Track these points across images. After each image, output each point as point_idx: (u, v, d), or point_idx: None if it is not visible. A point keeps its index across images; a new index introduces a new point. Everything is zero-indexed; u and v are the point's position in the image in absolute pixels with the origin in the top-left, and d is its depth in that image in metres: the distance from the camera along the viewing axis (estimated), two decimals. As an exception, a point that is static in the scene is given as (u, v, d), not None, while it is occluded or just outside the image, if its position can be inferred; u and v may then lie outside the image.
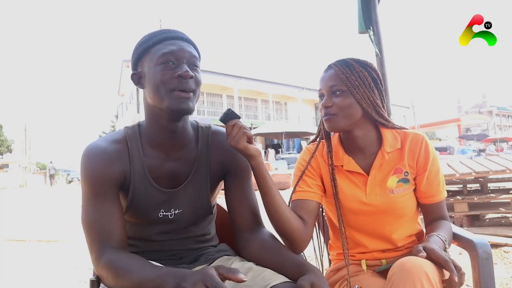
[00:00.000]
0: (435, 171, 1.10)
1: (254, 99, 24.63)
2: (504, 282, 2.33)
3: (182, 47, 0.95)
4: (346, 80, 1.07)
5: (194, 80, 0.94)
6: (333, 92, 1.08)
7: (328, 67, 1.13)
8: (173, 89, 0.92)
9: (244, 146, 0.94)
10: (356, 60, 1.10)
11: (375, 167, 1.11)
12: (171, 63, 0.93)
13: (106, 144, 0.98)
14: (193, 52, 0.97)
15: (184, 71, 0.92)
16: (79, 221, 0.94)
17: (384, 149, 1.10)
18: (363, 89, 1.07)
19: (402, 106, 31.31)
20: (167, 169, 1.00)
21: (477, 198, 3.58)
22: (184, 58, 0.94)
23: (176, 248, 1.05)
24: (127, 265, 0.84)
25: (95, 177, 0.93)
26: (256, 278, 0.90)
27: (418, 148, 1.10)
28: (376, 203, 1.09)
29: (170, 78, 0.92)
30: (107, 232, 0.90)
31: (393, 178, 1.10)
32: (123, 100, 24.53)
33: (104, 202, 0.92)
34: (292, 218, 1.02)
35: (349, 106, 1.06)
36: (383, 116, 1.11)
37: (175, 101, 0.92)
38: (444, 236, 0.98)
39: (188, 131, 1.03)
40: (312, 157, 1.17)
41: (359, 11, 2.36)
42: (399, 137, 1.13)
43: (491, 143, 23.29)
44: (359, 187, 1.12)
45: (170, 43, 0.95)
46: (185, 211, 1.03)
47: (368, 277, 1.06)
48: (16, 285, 2.94)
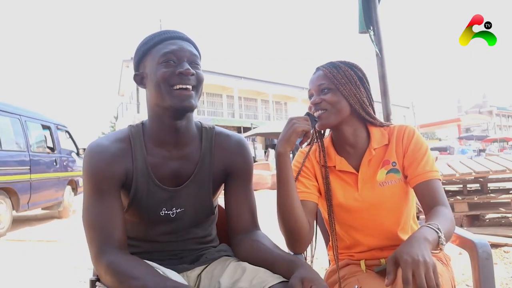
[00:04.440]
0: (418, 149, 1.10)
1: (254, 99, 24.64)
2: (504, 282, 2.33)
3: (182, 46, 0.97)
4: (333, 78, 1.12)
5: (195, 77, 0.96)
6: (322, 90, 1.13)
7: (316, 69, 1.19)
8: (174, 86, 0.93)
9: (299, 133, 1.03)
10: (342, 62, 1.17)
11: (364, 163, 1.14)
12: (172, 62, 0.95)
13: (109, 142, 0.99)
14: (193, 50, 0.99)
15: (185, 69, 0.94)
16: (79, 220, 0.95)
17: (372, 145, 1.14)
18: (350, 86, 1.12)
19: (402, 106, 31.33)
20: (170, 168, 1.01)
21: (477, 198, 3.58)
22: (185, 57, 0.96)
23: (177, 248, 1.05)
24: (131, 270, 0.84)
25: (97, 175, 0.94)
26: (252, 280, 0.90)
27: (402, 134, 1.14)
28: (368, 198, 1.11)
29: (171, 75, 0.94)
30: (107, 230, 0.91)
31: (382, 171, 1.12)
32: (123, 100, 24.55)
33: (105, 200, 0.93)
34: (303, 214, 1.06)
35: (338, 102, 1.11)
36: (370, 114, 1.15)
37: (177, 99, 0.93)
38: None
39: (192, 130, 1.03)
40: (306, 159, 1.19)
41: (360, 11, 2.37)
42: (387, 133, 1.16)
43: (491, 143, 23.29)
44: (351, 185, 1.14)
45: (170, 43, 0.97)
46: (187, 210, 1.03)
47: (367, 277, 1.06)
48: (16, 285, 2.94)
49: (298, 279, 0.83)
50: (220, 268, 1.01)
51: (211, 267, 1.03)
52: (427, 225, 0.89)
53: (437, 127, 28.94)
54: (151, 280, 0.81)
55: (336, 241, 1.16)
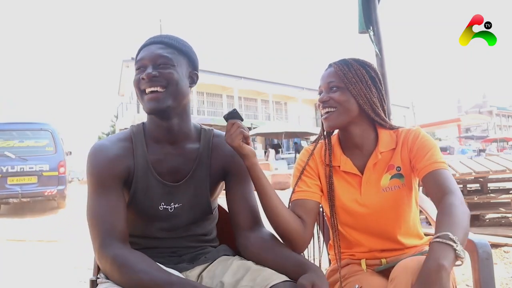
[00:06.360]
0: (425, 145, 1.07)
1: (254, 99, 24.63)
2: (504, 282, 2.33)
3: (150, 51, 1.01)
4: (343, 76, 1.10)
5: (163, 77, 0.98)
6: (331, 88, 1.11)
7: (328, 66, 1.16)
8: (143, 90, 0.99)
9: (239, 144, 0.98)
10: (356, 60, 1.14)
11: (369, 167, 1.12)
12: (142, 68, 1.00)
13: (112, 142, 1.04)
14: (163, 52, 1.00)
15: (146, 73, 0.97)
16: (79, 221, 0.95)
17: (378, 148, 1.12)
18: (360, 86, 1.09)
19: (402, 106, 31.33)
20: (170, 164, 1.04)
21: (477, 198, 3.59)
22: (151, 61, 0.99)
23: (175, 245, 1.06)
24: (137, 264, 0.87)
25: (101, 173, 0.98)
26: (256, 278, 0.91)
27: (407, 138, 1.11)
28: (370, 203, 1.10)
29: (138, 81, 1.00)
30: (111, 223, 0.93)
31: (386, 176, 1.11)
32: (123, 100, 24.52)
33: (108, 196, 0.96)
34: (291, 219, 1.03)
35: (346, 102, 1.09)
36: (380, 116, 1.12)
37: (146, 103, 0.99)
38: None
39: (187, 128, 1.07)
40: (310, 157, 1.18)
41: (360, 11, 2.36)
42: (395, 137, 1.14)
43: (491, 143, 23.27)
44: (354, 187, 1.13)
45: (144, 50, 1.02)
46: (185, 206, 1.05)
47: (368, 277, 1.06)
48: (16, 285, 2.94)
49: (308, 282, 0.85)
50: (222, 267, 1.01)
51: (212, 267, 1.04)
52: (438, 240, 0.79)
53: (437, 127, 28.93)
54: (157, 274, 0.85)
55: (338, 241, 1.15)
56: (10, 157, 6.56)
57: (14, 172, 6.53)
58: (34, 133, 6.95)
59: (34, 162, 6.69)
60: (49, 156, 6.85)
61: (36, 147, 6.85)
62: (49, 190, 6.74)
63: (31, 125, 7.09)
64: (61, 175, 6.90)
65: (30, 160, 6.66)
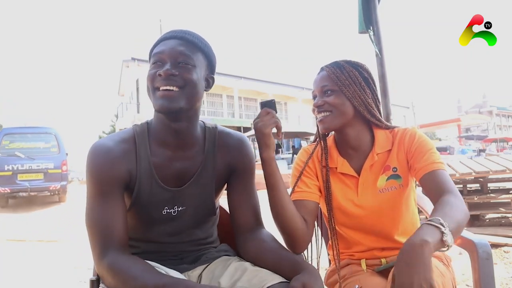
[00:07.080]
0: (422, 145, 1.06)
1: (254, 99, 24.62)
2: (504, 282, 2.33)
3: (170, 46, 0.95)
4: (336, 79, 1.09)
5: (180, 77, 0.92)
6: (325, 92, 1.11)
7: (320, 69, 1.16)
8: (157, 88, 0.93)
9: (269, 132, 0.96)
10: (347, 61, 1.14)
11: (365, 168, 1.12)
12: (159, 63, 0.94)
13: (113, 143, 0.97)
14: (182, 49, 0.95)
15: (164, 70, 0.92)
16: (79, 221, 0.94)
17: (375, 150, 1.11)
18: (354, 88, 1.09)
19: (402, 106, 31.30)
20: (174, 168, 1.00)
21: (477, 198, 3.58)
22: (170, 57, 0.94)
23: (177, 250, 1.05)
24: (130, 269, 0.84)
25: (100, 176, 0.93)
26: (252, 279, 0.90)
27: (403, 138, 1.11)
28: (367, 204, 1.10)
29: (153, 77, 0.94)
30: (110, 231, 0.90)
31: (382, 177, 1.11)
32: (123, 100, 24.51)
33: (108, 202, 0.92)
34: (296, 216, 1.03)
35: (341, 105, 1.08)
36: (375, 116, 1.12)
37: (159, 100, 0.93)
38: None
39: (194, 131, 1.02)
40: (310, 158, 1.17)
41: (360, 11, 2.36)
42: (391, 137, 1.13)
43: (491, 143, 23.26)
44: (351, 188, 1.13)
45: (163, 44, 0.97)
46: (189, 209, 1.03)
47: (368, 277, 1.06)
48: (16, 285, 2.94)
49: (299, 283, 0.83)
50: (221, 268, 1.01)
51: (212, 267, 1.03)
52: (427, 222, 0.79)
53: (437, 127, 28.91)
54: (148, 277, 0.82)
55: (337, 242, 1.15)
56: (20, 156, 7.65)
57: (24, 169, 7.63)
58: (40, 136, 8.15)
59: (40, 161, 7.80)
60: (54, 156, 7.97)
61: (42, 148, 7.99)
62: (53, 185, 7.84)
63: (38, 129, 8.43)
64: (63, 172, 8.03)
65: (37, 159, 7.76)
